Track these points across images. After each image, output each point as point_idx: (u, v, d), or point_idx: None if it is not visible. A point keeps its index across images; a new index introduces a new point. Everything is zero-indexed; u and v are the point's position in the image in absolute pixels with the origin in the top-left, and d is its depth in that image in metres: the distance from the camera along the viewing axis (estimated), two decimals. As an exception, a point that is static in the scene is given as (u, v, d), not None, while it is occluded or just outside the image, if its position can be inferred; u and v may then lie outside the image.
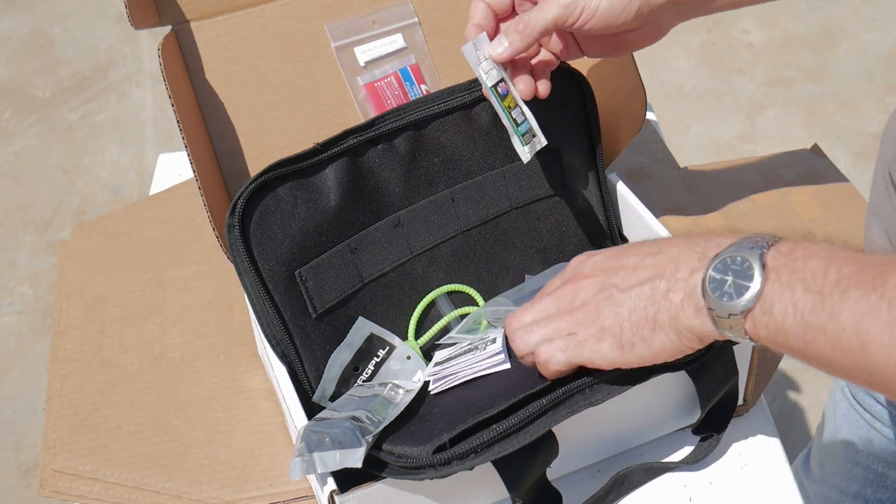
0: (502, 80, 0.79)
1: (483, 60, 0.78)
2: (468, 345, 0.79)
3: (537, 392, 0.70)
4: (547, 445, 0.70)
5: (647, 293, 0.64)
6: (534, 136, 0.81)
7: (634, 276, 0.65)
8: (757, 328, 0.58)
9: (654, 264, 0.64)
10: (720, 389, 0.78)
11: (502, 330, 0.78)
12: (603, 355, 0.66)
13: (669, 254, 0.64)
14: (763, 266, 0.58)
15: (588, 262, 0.69)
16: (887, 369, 0.52)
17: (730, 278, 0.59)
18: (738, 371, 0.78)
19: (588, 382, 0.69)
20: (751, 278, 0.58)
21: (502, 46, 0.76)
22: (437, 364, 0.79)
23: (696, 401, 0.79)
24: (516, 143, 0.80)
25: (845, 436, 1.03)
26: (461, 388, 0.76)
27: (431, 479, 0.67)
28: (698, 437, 0.82)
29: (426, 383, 0.78)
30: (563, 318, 0.68)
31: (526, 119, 0.81)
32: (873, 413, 0.98)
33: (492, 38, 0.78)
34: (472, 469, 0.67)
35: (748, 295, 0.58)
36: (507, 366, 0.75)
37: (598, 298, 0.66)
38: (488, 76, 0.78)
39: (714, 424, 0.81)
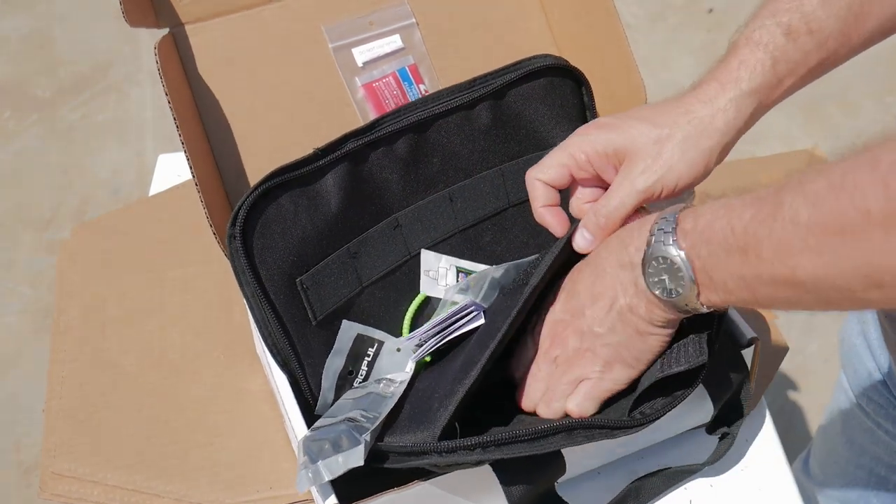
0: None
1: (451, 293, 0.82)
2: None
3: None
4: (553, 463, 0.71)
5: (615, 317, 0.68)
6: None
7: (596, 307, 0.68)
8: (713, 301, 0.62)
9: (602, 290, 0.68)
10: (730, 386, 0.78)
11: (470, 297, 0.79)
12: (618, 380, 0.70)
13: (606, 276, 0.68)
14: (681, 251, 0.61)
15: (555, 314, 0.72)
16: (820, 290, 0.54)
17: (665, 277, 0.63)
18: (746, 366, 0.78)
19: (612, 423, 0.70)
20: (679, 269, 0.61)
21: (586, 241, 0.73)
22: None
23: (705, 400, 0.78)
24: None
25: (848, 438, 1.03)
26: (447, 362, 0.76)
27: (436, 465, 0.67)
28: (707, 437, 0.82)
29: (417, 371, 0.78)
30: (568, 370, 0.71)
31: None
32: (877, 415, 0.97)
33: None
34: (477, 465, 0.67)
35: (686, 283, 0.61)
36: (482, 320, 0.76)
37: (586, 343, 0.70)
38: (448, 285, 0.83)
39: (727, 420, 0.80)
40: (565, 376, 0.71)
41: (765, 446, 0.84)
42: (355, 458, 0.67)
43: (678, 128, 0.70)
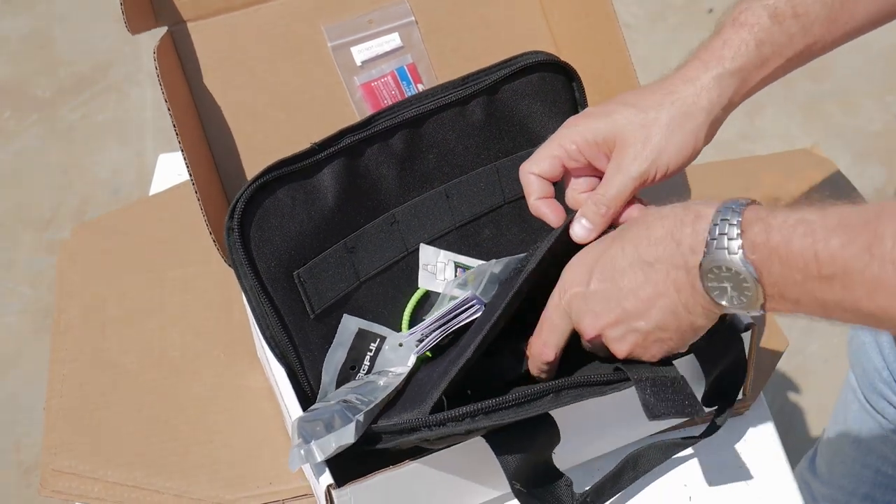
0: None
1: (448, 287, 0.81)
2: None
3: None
4: (546, 430, 0.71)
5: (666, 315, 0.65)
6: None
7: (642, 304, 0.65)
8: (778, 310, 0.59)
9: (653, 289, 0.64)
10: (722, 358, 0.78)
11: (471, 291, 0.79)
12: (655, 356, 0.69)
13: (656, 273, 0.64)
14: (750, 264, 0.57)
15: (589, 299, 0.68)
16: None
17: (727, 286, 0.59)
18: (741, 342, 0.78)
19: (597, 380, 0.70)
20: (746, 282, 0.58)
21: (585, 230, 0.72)
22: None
23: (700, 381, 0.79)
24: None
25: (856, 437, 1.03)
26: (444, 353, 0.77)
27: (427, 440, 0.67)
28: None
29: (417, 366, 0.79)
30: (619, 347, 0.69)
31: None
32: (886, 415, 0.97)
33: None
34: (466, 434, 0.67)
35: (752, 296, 0.58)
36: (480, 312, 0.76)
37: (629, 337, 0.68)
38: (446, 279, 0.83)
39: (722, 394, 0.80)
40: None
41: (765, 446, 0.84)
42: (346, 436, 0.67)
43: (663, 110, 0.70)
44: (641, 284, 0.65)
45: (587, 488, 0.76)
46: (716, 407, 0.80)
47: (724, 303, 0.60)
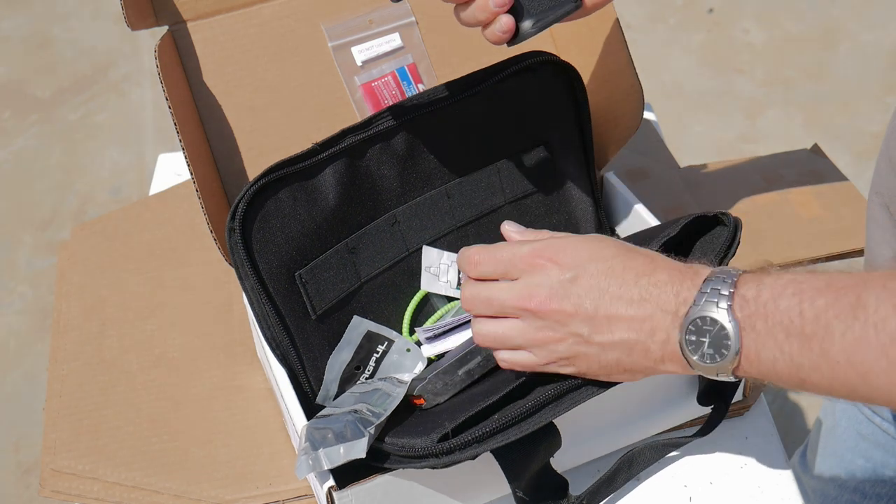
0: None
1: (442, 270, 0.82)
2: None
3: (541, 381, 0.70)
4: (549, 437, 0.71)
5: (624, 351, 0.64)
6: None
7: (611, 333, 0.63)
8: (748, 374, 0.60)
9: (630, 321, 0.63)
10: None
11: None
12: (573, 371, 0.67)
13: (645, 309, 0.62)
14: (735, 320, 0.58)
15: (566, 287, 0.65)
16: (890, 393, 0.53)
17: (706, 340, 0.60)
18: None
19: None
20: (727, 338, 0.59)
21: None
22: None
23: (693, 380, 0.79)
24: None
25: (844, 429, 1.03)
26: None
27: (433, 467, 0.68)
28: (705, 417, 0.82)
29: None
30: (531, 347, 0.67)
31: None
32: (873, 406, 0.98)
33: None
34: (474, 458, 0.67)
35: (729, 355, 0.59)
36: None
37: (573, 351, 0.65)
38: (449, 281, 0.82)
39: (718, 394, 0.80)
40: (526, 344, 0.67)
41: (765, 445, 0.84)
42: (357, 450, 0.67)
43: None
44: (624, 316, 0.63)
45: (584, 490, 0.76)
46: (711, 407, 0.80)
47: (694, 357, 0.60)
